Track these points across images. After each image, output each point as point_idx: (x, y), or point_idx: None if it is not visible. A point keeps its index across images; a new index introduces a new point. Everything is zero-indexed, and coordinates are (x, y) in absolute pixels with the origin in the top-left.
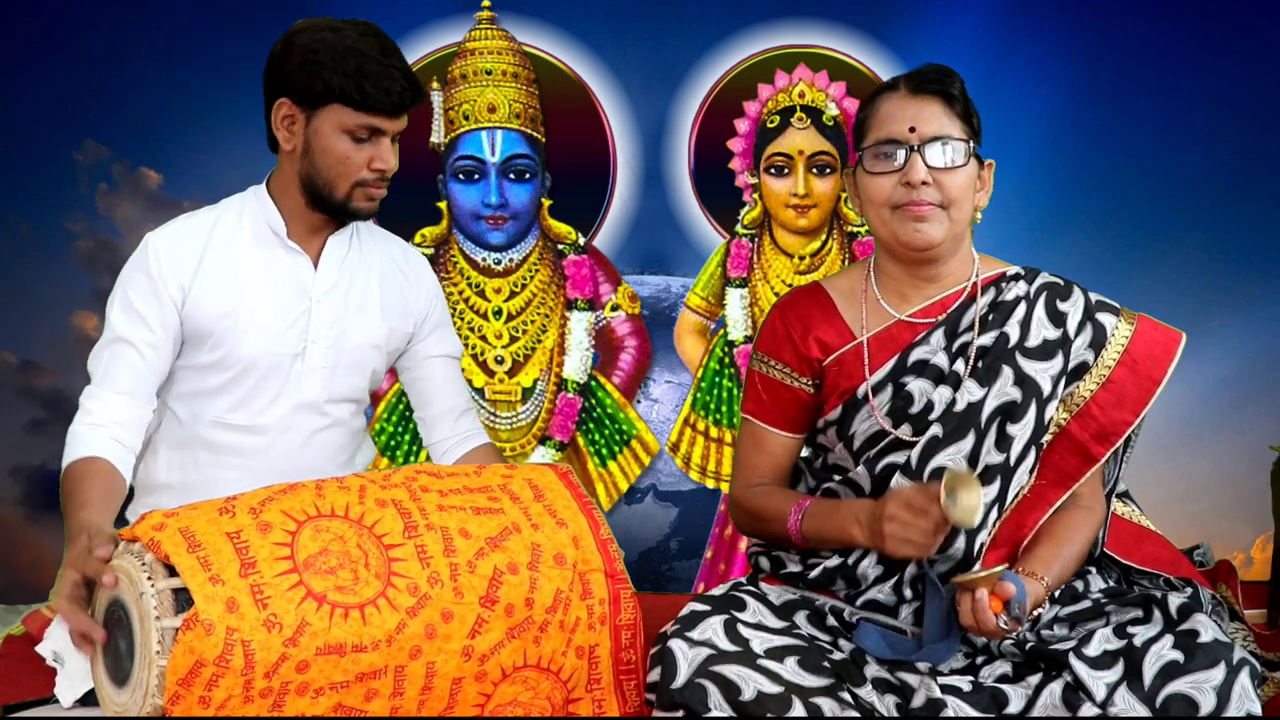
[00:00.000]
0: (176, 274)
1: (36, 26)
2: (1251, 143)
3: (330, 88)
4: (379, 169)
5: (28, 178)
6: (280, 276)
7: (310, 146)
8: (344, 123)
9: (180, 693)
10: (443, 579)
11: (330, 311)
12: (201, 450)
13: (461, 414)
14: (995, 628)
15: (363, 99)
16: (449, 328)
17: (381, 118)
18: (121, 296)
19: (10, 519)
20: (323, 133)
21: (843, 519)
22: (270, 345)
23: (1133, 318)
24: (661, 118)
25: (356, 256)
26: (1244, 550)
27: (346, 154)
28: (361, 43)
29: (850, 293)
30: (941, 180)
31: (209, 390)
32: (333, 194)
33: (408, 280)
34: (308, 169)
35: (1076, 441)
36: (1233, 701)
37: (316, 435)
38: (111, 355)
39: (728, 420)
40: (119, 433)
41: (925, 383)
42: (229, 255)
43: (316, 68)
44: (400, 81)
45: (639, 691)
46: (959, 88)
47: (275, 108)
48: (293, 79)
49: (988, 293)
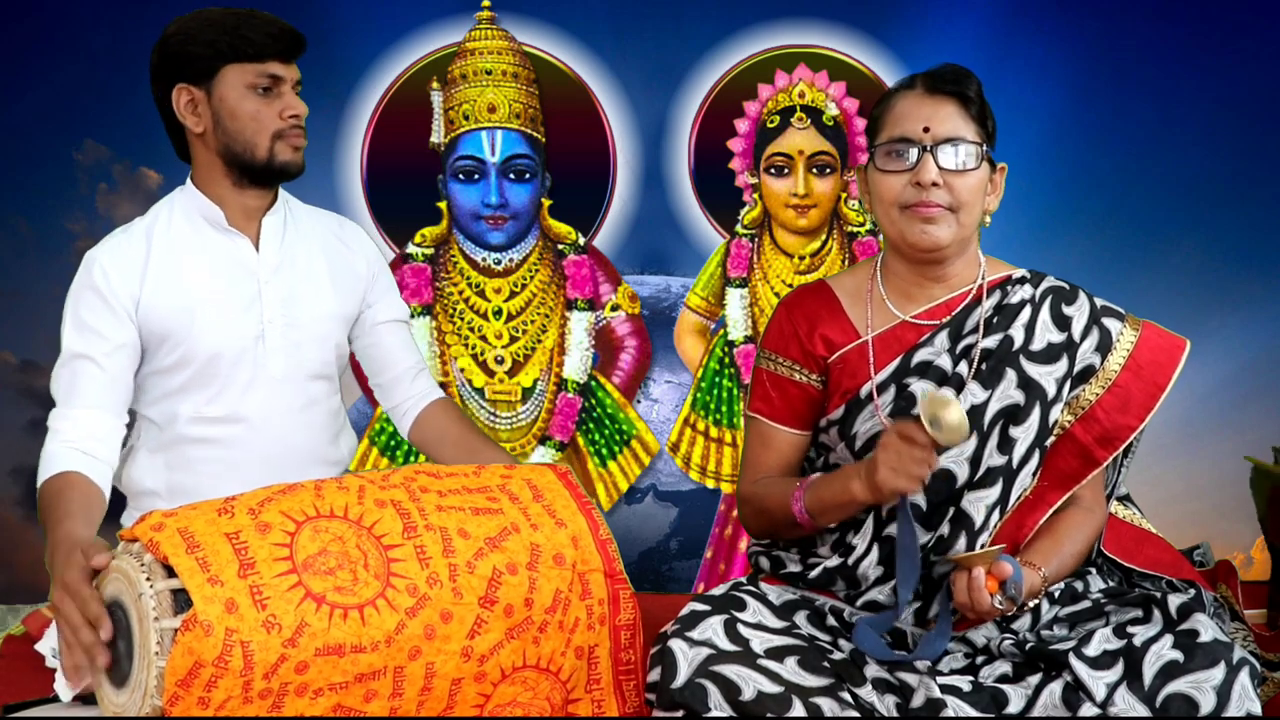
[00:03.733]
0: (125, 283)
1: (36, 26)
2: (1251, 143)
3: (217, 50)
4: (292, 115)
5: (28, 178)
6: (225, 264)
7: (219, 116)
8: (243, 79)
9: (179, 693)
10: (442, 579)
11: (280, 289)
12: (185, 449)
13: (416, 375)
14: (990, 607)
15: (250, 47)
16: (394, 291)
17: (274, 63)
18: (73, 316)
19: (10, 519)
20: (227, 98)
21: (843, 478)
22: (228, 334)
23: (1138, 323)
24: (661, 118)
25: (294, 231)
26: (1244, 550)
27: (256, 109)
28: (228, 11)
29: (856, 292)
30: (952, 182)
31: (178, 389)
32: (255, 154)
33: (349, 248)
34: (223, 139)
35: (1079, 444)
36: (1233, 701)
37: (294, 416)
38: (71, 373)
39: (728, 420)
40: (91, 446)
41: (928, 384)
42: (171, 254)
43: (195, 40)
44: (278, 23)
45: (638, 692)
46: (976, 90)
47: (175, 98)
48: (179, 62)
49: (993, 295)
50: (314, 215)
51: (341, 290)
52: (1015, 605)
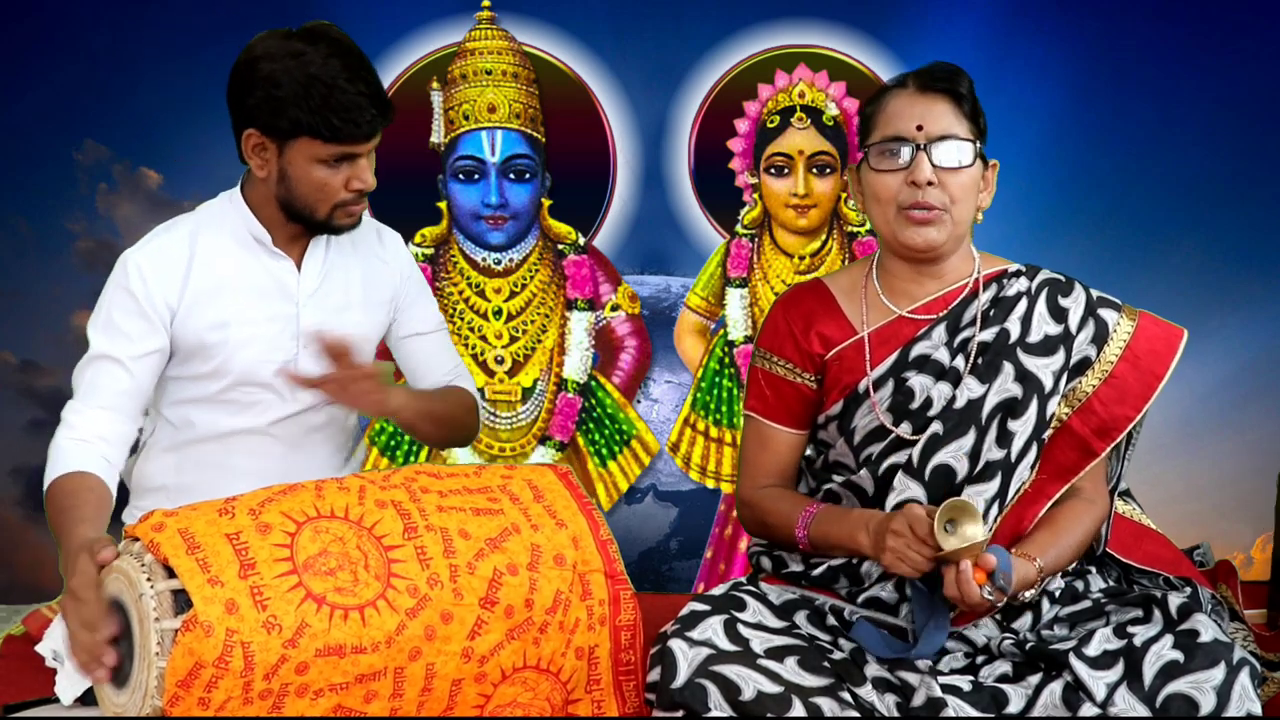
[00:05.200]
0: (163, 292)
1: (36, 26)
2: (1251, 143)
3: (298, 124)
4: (357, 189)
5: (28, 178)
6: (265, 283)
7: (285, 174)
8: (316, 154)
9: (179, 694)
10: (442, 580)
11: (317, 314)
12: (197, 454)
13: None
14: (980, 599)
15: (332, 133)
16: (425, 299)
17: (353, 145)
18: (105, 316)
19: (10, 519)
20: (296, 164)
21: (851, 525)
22: (263, 354)
23: (1134, 314)
24: (661, 118)
25: (336, 254)
26: (1244, 550)
27: (324, 180)
28: (325, 69)
29: (851, 289)
30: (947, 180)
31: (203, 398)
32: (313, 215)
33: (385, 264)
34: (284, 194)
35: (1077, 436)
36: (1233, 701)
37: (311, 435)
38: (95, 371)
39: (728, 420)
40: (104, 449)
41: (926, 378)
42: (213, 267)
43: (281, 104)
44: (369, 110)
45: (638, 692)
46: (968, 87)
47: (245, 137)
48: (258, 113)
49: (989, 289)
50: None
51: (372, 310)
52: (1005, 595)
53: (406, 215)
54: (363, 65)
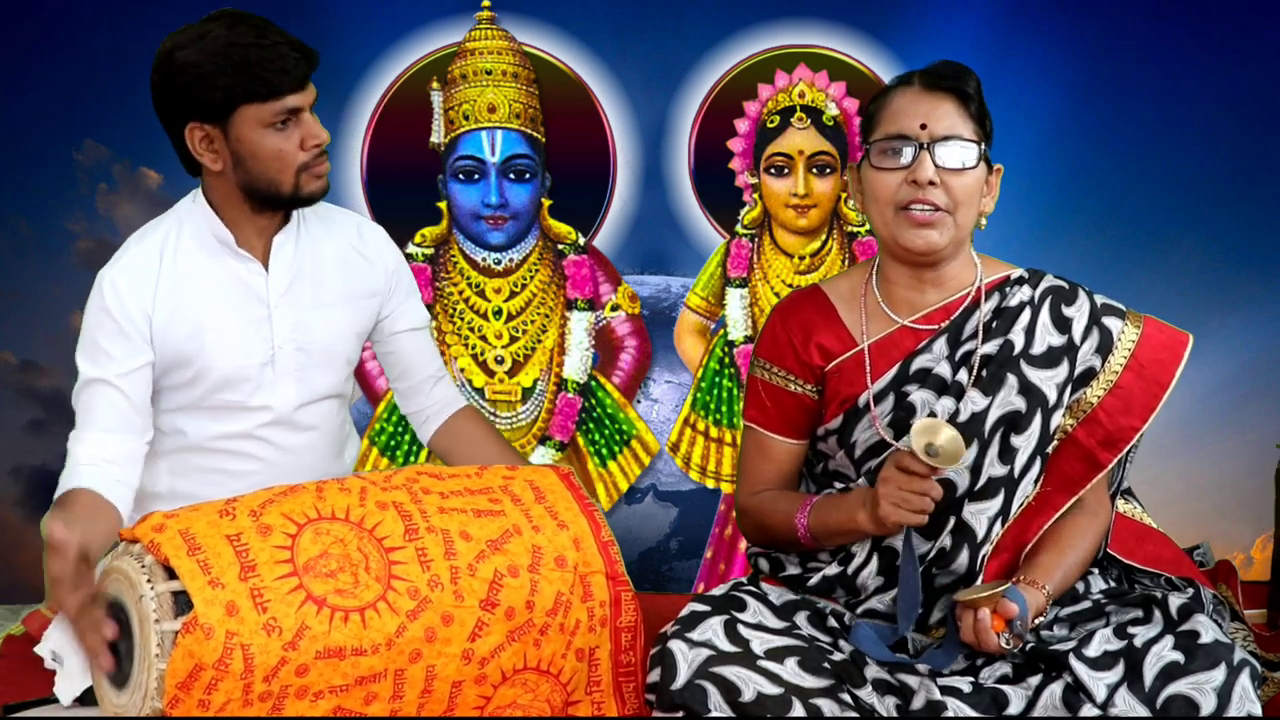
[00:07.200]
0: (139, 306)
1: (36, 26)
2: (1251, 143)
3: (231, 92)
4: (314, 145)
5: (28, 178)
6: (235, 287)
7: (239, 157)
8: (260, 118)
9: (179, 696)
10: (443, 582)
11: (290, 313)
12: (188, 459)
13: (436, 383)
14: (996, 647)
15: (267, 88)
16: (415, 298)
17: (290, 96)
18: (89, 340)
19: (10, 519)
20: (245, 139)
21: (849, 505)
22: (240, 358)
23: (1139, 320)
24: (661, 118)
25: (307, 250)
26: (1244, 550)
27: (278, 147)
28: (236, 35)
29: (851, 297)
30: (949, 182)
31: (188, 405)
32: (280, 190)
33: (367, 261)
34: (245, 178)
35: (1083, 448)
36: (1233, 702)
37: (301, 436)
38: (89, 396)
39: (728, 420)
40: (107, 469)
41: (928, 393)
42: (183, 275)
43: (208, 79)
44: (292, 55)
45: (638, 694)
46: (975, 87)
47: (188, 134)
48: (190, 101)
49: (991, 298)
50: (330, 224)
51: (356, 307)
52: (1022, 641)
53: (406, 215)
54: (268, 24)
